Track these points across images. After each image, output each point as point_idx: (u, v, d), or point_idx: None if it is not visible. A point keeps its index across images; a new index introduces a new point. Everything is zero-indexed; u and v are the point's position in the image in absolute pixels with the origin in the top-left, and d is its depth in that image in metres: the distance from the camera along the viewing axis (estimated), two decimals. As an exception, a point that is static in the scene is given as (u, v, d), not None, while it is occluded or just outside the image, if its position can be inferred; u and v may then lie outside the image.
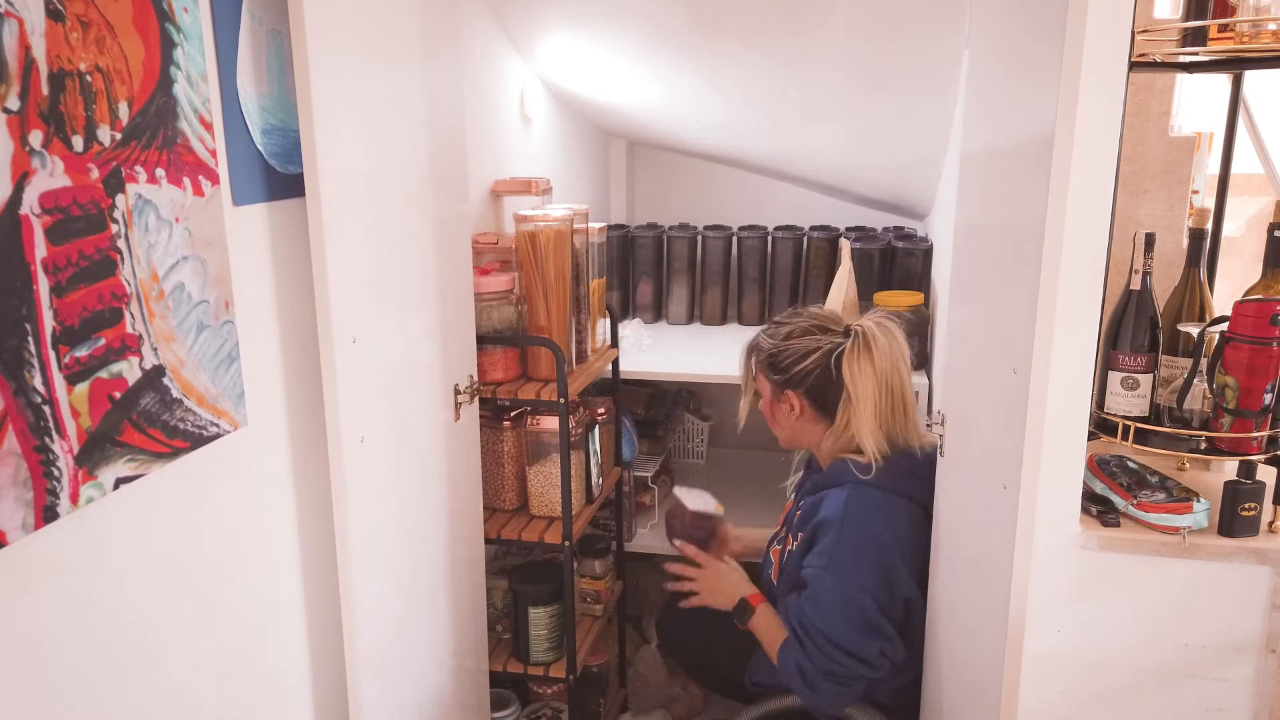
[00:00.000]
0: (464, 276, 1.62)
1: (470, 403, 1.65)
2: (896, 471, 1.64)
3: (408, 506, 1.45)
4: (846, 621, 1.58)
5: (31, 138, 0.86)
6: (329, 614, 1.38)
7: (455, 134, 1.57)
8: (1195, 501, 1.28)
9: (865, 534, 1.60)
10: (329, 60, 1.18)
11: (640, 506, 2.35)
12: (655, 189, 2.92)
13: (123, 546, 1.01)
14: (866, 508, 1.61)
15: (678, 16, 1.85)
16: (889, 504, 1.63)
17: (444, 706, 1.61)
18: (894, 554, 1.60)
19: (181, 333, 1.06)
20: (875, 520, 1.61)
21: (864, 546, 1.59)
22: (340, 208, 1.22)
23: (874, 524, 1.61)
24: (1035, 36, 1.15)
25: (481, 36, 1.87)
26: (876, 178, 2.43)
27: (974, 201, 1.42)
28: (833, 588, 1.59)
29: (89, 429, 0.94)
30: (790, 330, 1.71)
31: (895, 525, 1.62)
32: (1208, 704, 1.32)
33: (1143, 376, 1.34)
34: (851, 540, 1.59)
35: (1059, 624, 1.32)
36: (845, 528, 1.59)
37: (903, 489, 1.64)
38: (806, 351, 1.66)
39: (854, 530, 1.60)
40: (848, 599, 1.58)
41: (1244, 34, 1.29)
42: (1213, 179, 1.71)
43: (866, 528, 1.60)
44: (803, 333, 1.69)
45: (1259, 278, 1.34)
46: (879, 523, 1.61)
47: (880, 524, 1.61)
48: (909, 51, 1.79)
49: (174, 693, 1.09)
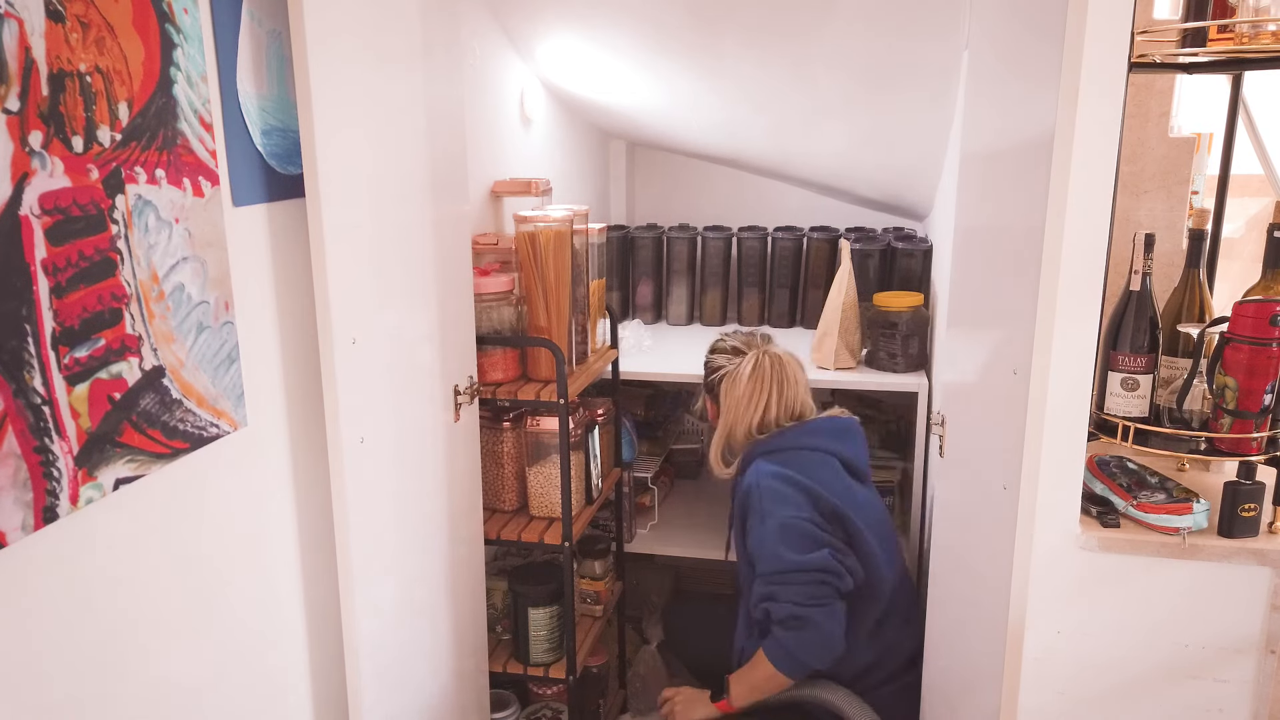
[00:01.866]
0: (464, 277, 1.62)
1: (470, 403, 1.65)
2: (799, 432, 1.81)
3: (407, 507, 1.45)
4: (794, 547, 1.67)
5: (31, 138, 0.86)
6: (329, 614, 1.38)
7: (455, 135, 1.57)
8: (1195, 502, 1.28)
9: (776, 481, 1.73)
10: (329, 61, 1.18)
11: (640, 507, 2.35)
12: (655, 189, 2.92)
13: (122, 547, 1.00)
14: (773, 465, 1.76)
15: (678, 17, 1.85)
16: (792, 457, 1.77)
17: (444, 707, 1.61)
18: (811, 484, 1.72)
19: (181, 333, 1.06)
20: (784, 470, 1.74)
21: (781, 486, 1.73)
22: (340, 208, 1.22)
23: (783, 472, 1.74)
24: (1035, 37, 1.15)
25: (481, 37, 1.87)
26: (876, 178, 2.43)
27: (974, 202, 1.43)
28: (771, 530, 1.69)
29: (89, 430, 0.94)
30: (717, 346, 1.96)
31: (805, 468, 1.75)
32: (1207, 705, 1.32)
33: (1142, 377, 1.34)
34: (770, 488, 1.73)
35: (1059, 624, 1.32)
36: (761, 485, 1.74)
37: (806, 443, 1.79)
38: (714, 368, 1.93)
39: (769, 481, 1.74)
40: (786, 527, 1.68)
41: (1243, 35, 1.28)
42: (1212, 180, 1.71)
43: (780, 475, 1.74)
44: (722, 351, 1.93)
45: (1258, 278, 1.34)
46: (789, 470, 1.74)
47: (787, 469, 1.74)
48: (909, 52, 1.79)
49: (174, 693, 1.09)
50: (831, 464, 1.78)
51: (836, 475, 1.77)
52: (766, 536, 1.69)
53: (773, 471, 1.74)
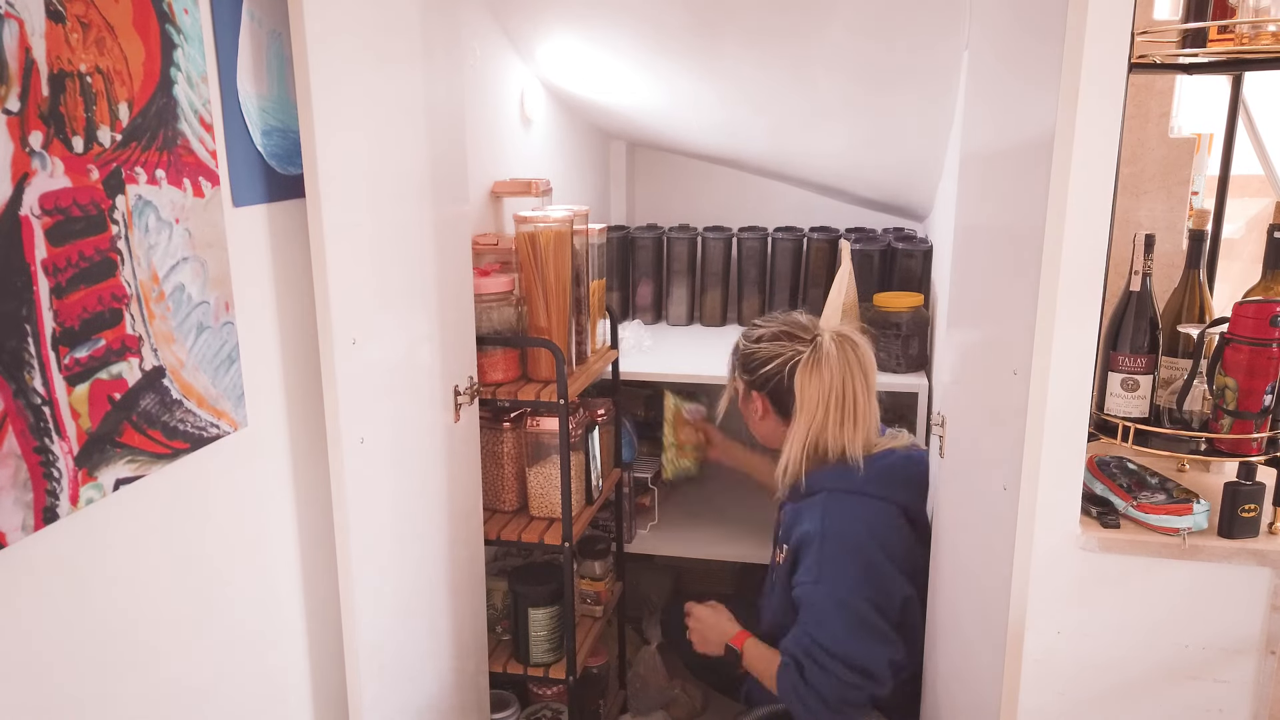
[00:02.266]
0: (464, 277, 1.62)
1: (470, 404, 1.65)
2: (870, 476, 1.66)
3: (407, 508, 1.45)
4: (847, 629, 1.58)
5: (31, 139, 0.86)
6: (329, 615, 1.38)
7: (455, 135, 1.57)
8: (1195, 503, 1.28)
9: (848, 541, 1.61)
10: (329, 61, 1.18)
11: (640, 508, 2.35)
12: (655, 190, 2.92)
13: (122, 548, 1.00)
14: (843, 515, 1.63)
15: (678, 18, 1.85)
16: (865, 507, 1.63)
17: (444, 708, 1.61)
18: (879, 554, 1.60)
19: (181, 334, 1.06)
20: (854, 525, 1.62)
21: (848, 552, 1.60)
22: (340, 209, 1.22)
23: (854, 529, 1.62)
24: (1035, 38, 1.15)
25: (481, 38, 1.87)
26: (876, 179, 2.43)
27: (974, 203, 1.43)
28: (826, 598, 1.59)
29: (89, 430, 0.94)
30: (761, 334, 1.77)
31: (875, 527, 1.62)
32: (1207, 705, 1.31)
33: (1142, 378, 1.34)
34: (835, 549, 1.60)
35: (1059, 625, 1.32)
36: (827, 538, 1.61)
37: (876, 491, 1.65)
38: (770, 356, 1.72)
39: (835, 539, 1.61)
40: (843, 605, 1.58)
41: (1243, 35, 1.28)
42: (1212, 180, 1.71)
43: (847, 534, 1.61)
44: (771, 338, 1.74)
45: (1259, 279, 1.34)
46: (859, 527, 1.62)
47: (860, 528, 1.62)
48: (909, 53, 1.79)
49: (173, 694, 1.09)
50: (894, 517, 1.64)
51: (898, 530, 1.63)
52: (823, 607, 1.59)
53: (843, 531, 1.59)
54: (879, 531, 1.63)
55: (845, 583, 1.59)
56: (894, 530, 1.65)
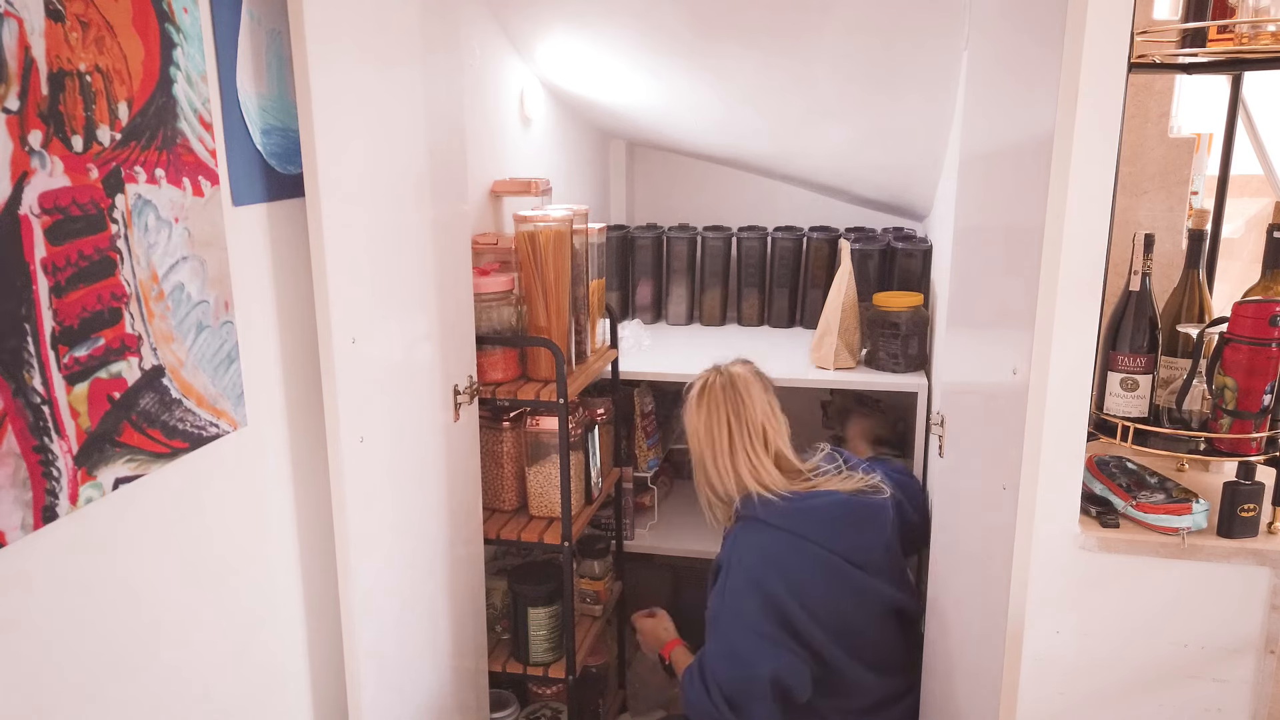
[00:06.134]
0: (463, 277, 1.62)
1: (470, 403, 1.65)
2: (787, 510, 1.67)
3: (407, 507, 1.45)
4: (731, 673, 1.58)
5: (31, 138, 0.86)
6: (328, 614, 1.38)
7: (455, 134, 1.57)
8: (1194, 502, 1.28)
9: (747, 570, 1.63)
10: (328, 60, 1.18)
11: (640, 507, 2.35)
12: (655, 189, 2.92)
13: (122, 547, 1.00)
14: (746, 544, 1.66)
15: (677, 17, 1.85)
16: (770, 539, 1.65)
17: (443, 707, 1.61)
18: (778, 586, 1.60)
19: (181, 333, 1.06)
20: (751, 554, 1.64)
21: (746, 581, 1.63)
22: (340, 208, 1.22)
23: (750, 558, 1.64)
24: (1034, 38, 1.15)
25: (481, 37, 1.87)
26: (876, 179, 2.43)
27: (973, 202, 1.43)
28: (724, 631, 1.62)
29: (88, 429, 0.94)
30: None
31: (776, 559, 1.63)
32: (1206, 704, 1.32)
33: (1142, 377, 1.34)
34: (737, 577, 1.64)
35: (1058, 624, 1.32)
36: (730, 565, 1.66)
37: (786, 525, 1.65)
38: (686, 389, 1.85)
39: (737, 566, 1.65)
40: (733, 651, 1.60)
41: (1243, 35, 1.29)
42: (1212, 180, 1.71)
43: (746, 562, 1.64)
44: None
45: (1258, 279, 1.34)
46: (755, 556, 1.64)
47: (756, 557, 1.63)
48: (908, 53, 1.79)
49: (173, 691, 1.09)
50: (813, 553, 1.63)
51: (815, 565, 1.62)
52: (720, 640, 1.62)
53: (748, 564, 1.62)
54: (781, 564, 1.63)
55: (742, 621, 1.61)
56: (804, 567, 1.63)
